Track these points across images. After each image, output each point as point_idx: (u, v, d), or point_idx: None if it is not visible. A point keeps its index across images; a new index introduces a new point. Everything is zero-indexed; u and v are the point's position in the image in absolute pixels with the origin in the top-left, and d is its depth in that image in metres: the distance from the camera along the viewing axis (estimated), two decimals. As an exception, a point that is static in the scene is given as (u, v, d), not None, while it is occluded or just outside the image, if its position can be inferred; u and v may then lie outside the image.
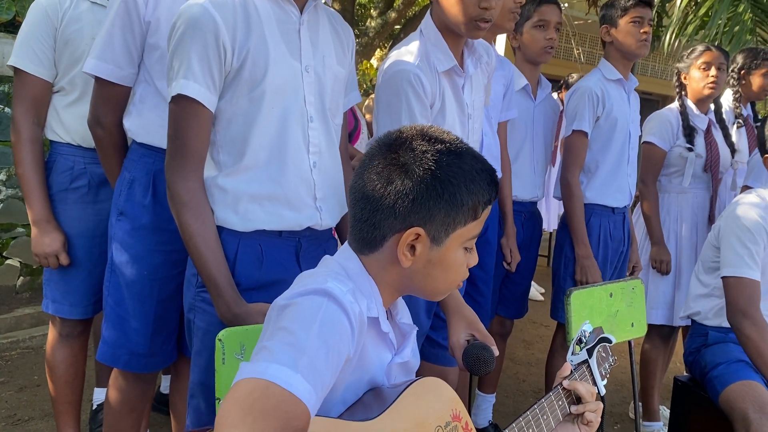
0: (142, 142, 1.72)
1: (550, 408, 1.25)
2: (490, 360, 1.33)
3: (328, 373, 0.89)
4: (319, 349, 0.88)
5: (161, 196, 1.71)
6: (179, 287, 1.69)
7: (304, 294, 0.96)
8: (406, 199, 1.02)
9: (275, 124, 1.44)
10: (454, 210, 1.03)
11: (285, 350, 0.86)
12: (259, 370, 0.83)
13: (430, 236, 1.04)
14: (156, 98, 1.71)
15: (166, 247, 1.72)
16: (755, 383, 2.02)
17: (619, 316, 2.02)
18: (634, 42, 2.50)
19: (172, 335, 1.81)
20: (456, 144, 1.06)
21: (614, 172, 2.60)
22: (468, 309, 1.52)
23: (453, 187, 1.02)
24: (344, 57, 1.62)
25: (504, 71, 2.49)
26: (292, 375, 0.83)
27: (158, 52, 1.68)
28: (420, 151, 1.03)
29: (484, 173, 1.06)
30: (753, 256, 2.13)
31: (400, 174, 1.02)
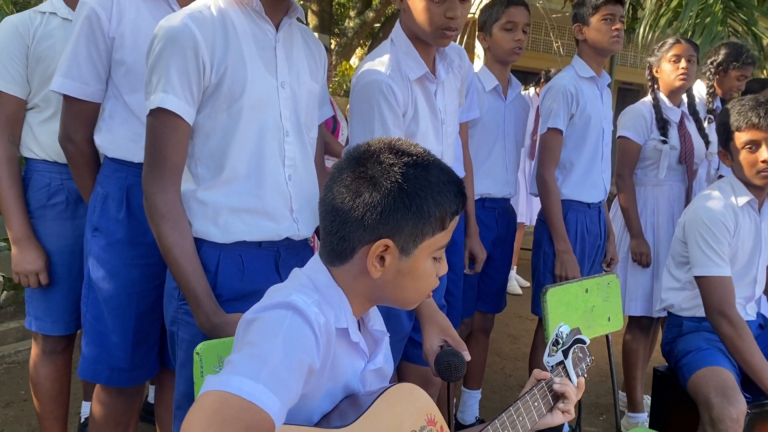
0: (114, 157, 1.74)
1: (526, 409, 1.28)
2: (460, 366, 1.37)
3: (293, 382, 0.91)
4: (282, 359, 0.91)
5: (135, 211, 1.73)
6: (158, 300, 1.72)
7: (269, 308, 0.99)
8: (374, 211, 1.04)
9: (253, 139, 1.46)
10: (422, 221, 1.05)
11: (247, 362, 0.89)
12: (222, 382, 0.85)
13: (399, 247, 1.06)
14: (125, 113, 1.72)
15: (142, 260, 1.74)
16: (719, 368, 2.07)
17: (596, 311, 2.06)
18: (606, 39, 2.54)
19: (153, 348, 1.82)
20: (423, 157, 1.09)
21: (589, 169, 2.64)
22: (441, 315, 1.56)
23: (420, 199, 1.05)
24: (317, 72, 1.65)
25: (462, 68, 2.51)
26: (254, 385, 0.85)
27: (124, 68, 1.70)
28: (387, 164, 1.05)
29: (451, 185, 1.09)
30: (719, 253, 2.18)
31: (368, 187, 1.05)
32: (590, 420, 3.18)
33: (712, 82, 3.21)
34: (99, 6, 1.66)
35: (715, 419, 1.97)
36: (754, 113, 2.20)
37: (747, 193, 2.25)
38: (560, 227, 2.56)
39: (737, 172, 2.27)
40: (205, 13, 1.42)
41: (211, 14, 1.42)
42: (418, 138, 1.86)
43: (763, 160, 2.18)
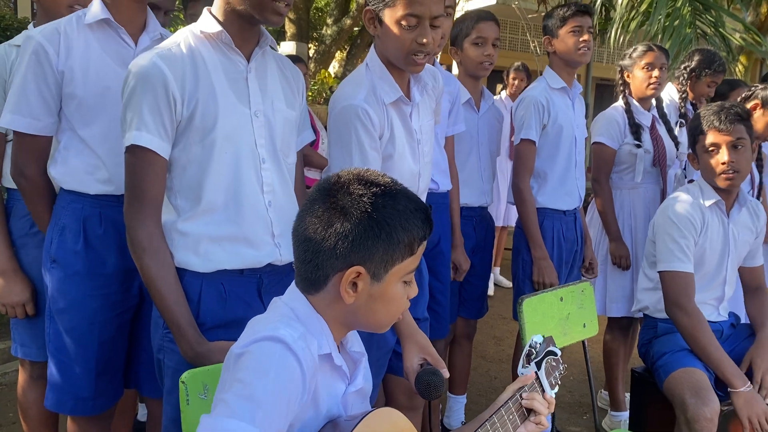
0: (70, 189, 1.77)
1: (502, 424, 1.33)
2: (439, 385, 1.42)
3: (283, 421, 0.97)
4: (275, 401, 0.96)
5: (93, 242, 1.76)
6: (120, 328, 1.77)
7: (258, 341, 1.03)
8: (346, 240, 1.09)
9: (229, 168, 1.50)
10: (391, 248, 1.11)
11: (242, 404, 0.94)
12: (220, 425, 0.90)
13: (371, 273, 1.11)
14: (80, 145, 1.75)
15: (102, 290, 1.77)
16: (693, 369, 2.14)
17: (571, 318, 2.12)
18: (574, 51, 2.60)
19: (117, 374, 1.86)
20: (390, 186, 1.14)
21: (563, 177, 2.70)
22: (420, 334, 1.61)
23: (389, 227, 1.10)
24: (294, 99, 1.68)
25: (450, 87, 2.57)
26: (248, 428, 0.90)
27: (76, 101, 1.73)
28: (357, 195, 1.10)
29: (418, 212, 1.14)
30: (683, 249, 2.25)
31: (339, 217, 1.10)
32: (574, 420, 3.25)
33: (685, 86, 3.29)
34: (46, 40, 1.69)
35: (690, 420, 2.04)
36: (716, 117, 2.28)
37: (714, 195, 2.33)
38: (537, 235, 2.62)
39: (704, 175, 2.35)
40: (174, 50, 1.46)
41: (180, 51, 1.46)
42: (396, 159, 1.91)
43: (723, 162, 2.26)
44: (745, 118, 2.31)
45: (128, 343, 1.91)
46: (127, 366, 1.94)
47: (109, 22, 1.75)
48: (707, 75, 3.24)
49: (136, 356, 1.94)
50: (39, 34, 1.70)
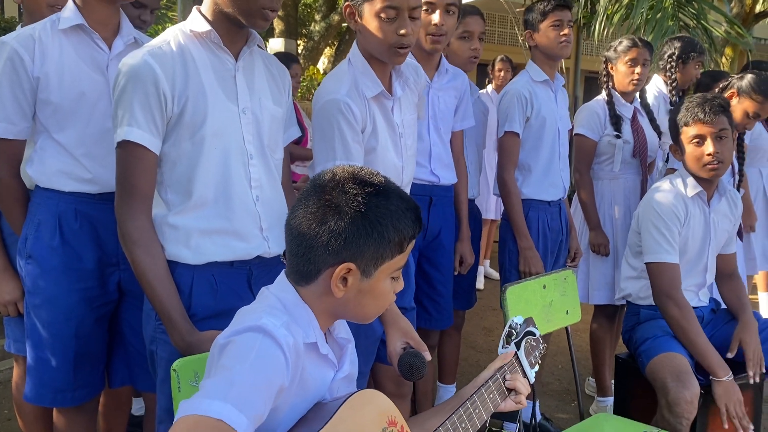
0: (46, 187, 1.81)
1: (482, 402, 1.38)
2: (421, 366, 1.47)
3: (260, 401, 1.00)
4: (251, 380, 1.00)
5: (68, 237, 1.80)
6: (98, 321, 1.82)
7: (241, 332, 1.08)
8: (339, 237, 1.13)
9: (218, 164, 1.55)
10: (382, 246, 1.15)
11: (217, 385, 0.98)
12: (194, 406, 0.94)
13: (361, 270, 1.16)
14: (56, 148, 1.80)
15: (79, 285, 1.81)
16: (675, 354, 2.20)
17: (554, 305, 2.18)
18: (554, 45, 2.65)
19: (97, 367, 1.91)
20: (384, 186, 1.19)
21: (547, 168, 2.75)
22: (403, 319, 1.66)
23: (381, 226, 1.14)
24: (281, 97, 1.73)
25: (456, 83, 2.62)
26: (222, 405, 0.94)
27: (51, 107, 1.77)
28: (352, 194, 1.14)
29: (409, 211, 1.19)
30: (669, 240, 2.30)
31: (333, 215, 1.14)
32: (562, 407, 3.31)
33: (674, 75, 3.34)
34: (21, 46, 1.72)
35: (671, 402, 2.10)
36: (700, 109, 2.33)
37: (696, 186, 2.38)
38: (522, 226, 2.67)
39: (686, 166, 2.40)
40: (165, 48, 1.50)
41: (170, 49, 1.51)
42: (378, 152, 1.95)
43: (708, 153, 2.31)
44: (726, 109, 2.36)
45: (112, 339, 1.96)
46: (118, 363, 1.98)
47: (83, 27, 1.78)
48: (693, 58, 3.30)
49: (123, 353, 1.98)
50: (14, 40, 1.73)
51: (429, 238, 2.56)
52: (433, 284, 2.60)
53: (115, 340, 1.97)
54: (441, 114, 2.54)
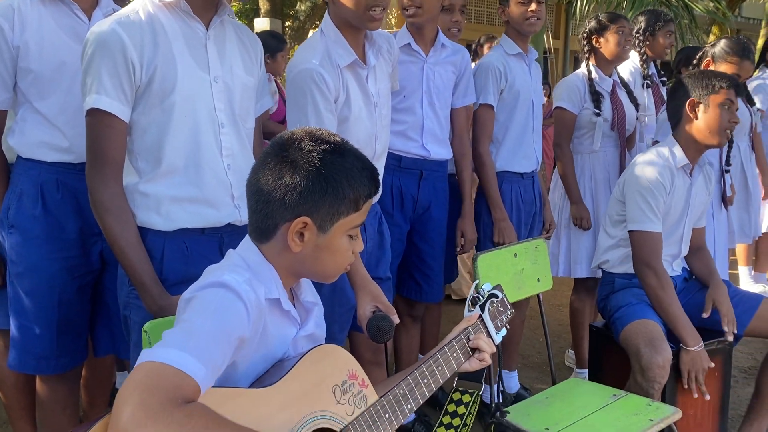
0: (28, 158, 1.83)
1: (445, 360, 1.41)
2: (389, 329, 1.52)
3: (219, 351, 1.03)
4: (211, 331, 1.03)
5: (50, 207, 1.83)
6: (80, 290, 1.84)
7: (204, 287, 1.11)
8: (294, 192, 1.16)
9: (188, 131, 1.57)
10: (337, 202, 1.18)
11: (177, 335, 1.01)
12: (153, 354, 0.97)
13: (317, 225, 1.19)
14: (37, 117, 1.82)
15: (61, 254, 1.84)
16: (648, 321, 2.25)
17: (525, 273, 2.22)
18: (522, 21, 2.68)
19: (80, 335, 1.94)
20: (340, 145, 1.22)
21: (520, 141, 2.78)
22: (373, 284, 1.70)
23: (336, 182, 1.17)
24: (252, 66, 1.74)
25: (456, 58, 2.63)
26: (179, 353, 0.97)
27: (31, 76, 1.79)
28: (307, 151, 1.18)
29: (365, 171, 1.22)
30: (654, 210, 2.34)
31: (289, 170, 1.17)
32: (541, 378, 3.37)
33: (644, 49, 3.38)
34: (1, 16, 1.74)
35: (644, 367, 2.15)
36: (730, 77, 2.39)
37: (684, 158, 2.41)
38: (496, 197, 2.71)
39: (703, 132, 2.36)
40: (133, 17, 1.52)
41: (139, 18, 1.52)
42: (351, 121, 1.98)
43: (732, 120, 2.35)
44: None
45: (96, 309, 1.99)
46: (101, 332, 2.02)
47: None
48: (660, 28, 3.34)
49: (107, 322, 2.01)
50: None
51: (419, 211, 2.60)
52: (422, 257, 2.64)
53: (98, 310, 2.00)
54: (436, 89, 2.56)
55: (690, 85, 2.39)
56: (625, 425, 1.93)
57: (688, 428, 2.35)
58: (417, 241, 2.62)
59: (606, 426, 1.94)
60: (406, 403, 1.28)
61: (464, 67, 2.66)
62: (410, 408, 1.29)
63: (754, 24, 13.32)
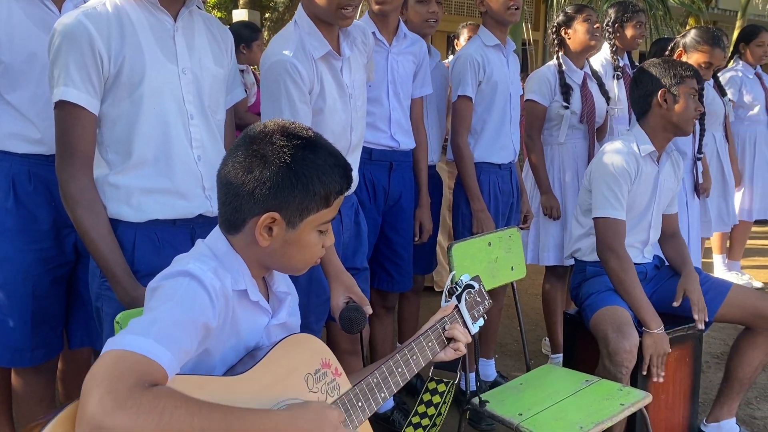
0: None
1: (420, 349, 1.44)
2: (361, 320, 1.54)
3: (185, 338, 1.05)
4: (175, 318, 1.05)
5: (23, 198, 1.83)
6: (55, 282, 1.83)
7: (169, 277, 1.12)
8: (264, 186, 1.17)
9: (157, 123, 1.57)
10: (307, 199, 1.19)
11: (142, 323, 1.03)
12: (118, 342, 0.99)
13: (286, 220, 1.19)
14: (8, 109, 1.81)
15: (35, 245, 1.84)
16: (616, 307, 2.29)
17: (499, 261, 2.25)
18: (503, 11, 2.70)
19: (56, 327, 1.93)
20: (313, 140, 1.22)
21: (498, 132, 2.81)
22: (346, 275, 1.72)
23: (306, 179, 1.18)
24: (223, 57, 1.74)
25: (415, 48, 2.65)
26: (144, 341, 0.99)
27: (1, 67, 1.78)
28: (279, 145, 1.18)
29: (337, 167, 1.22)
30: (618, 197, 2.38)
31: (259, 164, 1.17)
32: (518, 366, 3.41)
33: (614, 41, 3.42)
34: None
35: (611, 352, 2.19)
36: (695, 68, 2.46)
37: (650, 145, 2.45)
38: (475, 188, 2.74)
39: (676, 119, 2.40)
40: (100, 9, 1.52)
41: (105, 10, 1.52)
42: (326, 113, 1.98)
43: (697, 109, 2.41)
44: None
45: (71, 301, 1.98)
46: (76, 324, 2.01)
47: None
48: (629, 19, 3.38)
49: (82, 314, 2.00)
50: None
51: (390, 203, 2.61)
52: (394, 248, 2.66)
53: (73, 302, 2.00)
54: (400, 79, 2.57)
55: (658, 75, 2.43)
56: (596, 410, 1.97)
57: (660, 412, 2.40)
58: (388, 232, 2.63)
59: (578, 410, 1.98)
60: (379, 392, 1.30)
61: (422, 57, 2.68)
62: (383, 396, 1.31)
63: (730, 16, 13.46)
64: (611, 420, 1.94)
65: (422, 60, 2.67)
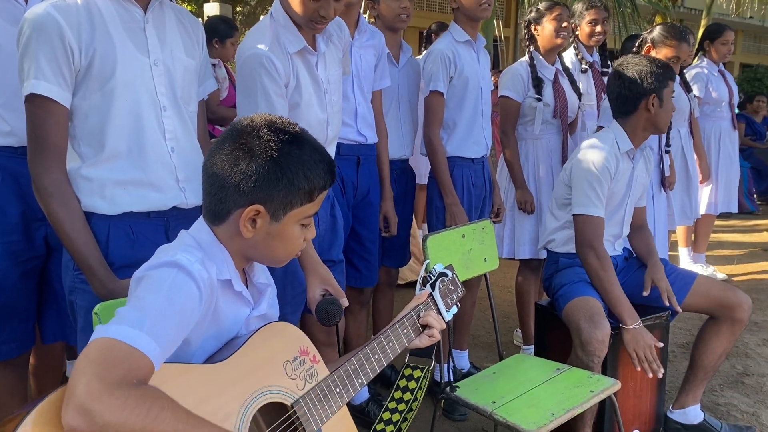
0: None
1: (396, 336, 1.47)
2: (337, 312, 1.56)
3: (172, 330, 1.06)
4: (164, 310, 1.06)
5: None
6: (25, 276, 1.83)
7: (156, 267, 1.13)
8: (249, 180, 1.19)
9: (129, 116, 1.57)
10: (291, 193, 1.21)
11: (132, 313, 1.03)
12: (109, 330, 1.00)
13: (270, 213, 1.21)
14: None
15: (2, 238, 1.82)
16: (589, 298, 2.35)
17: (473, 253, 2.29)
18: (475, 7, 2.74)
19: (26, 321, 1.92)
20: (299, 135, 1.24)
21: (470, 127, 2.85)
22: (323, 267, 1.73)
23: (291, 173, 1.20)
24: (194, 49, 1.74)
25: (374, 41, 2.66)
26: (136, 333, 1.00)
27: None
28: (265, 140, 1.20)
29: (322, 163, 1.24)
30: (599, 195, 2.43)
31: (245, 158, 1.19)
32: (491, 357, 3.46)
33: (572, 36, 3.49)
34: None
35: (584, 342, 2.24)
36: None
37: (629, 144, 2.50)
38: (447, 182, 2.77)
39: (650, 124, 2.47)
40: (69, 1, 1.50)
41: (74, 2, 1.51)
42: (302, 107, 2.00)
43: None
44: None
45: (43, 295, 1.97)
46: (49, 318, 2.00)
47: None
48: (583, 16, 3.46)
49: (55, 308, 1.99)
50: None
51: (358, 197, 2.63)
52: (362, 242, 2.67)
53: (46, 296, 1.98)
54: (363, 72, 2.59)
55: (649, 78, 2.45)
56: (567, 397, 2.02)
57: (628, 400, 2.47)
58: (357, 227, 2.65)
59: (549, 397, 2.02)
60: (356, 378, 1.33)
61: (381, 49, 2.69)
62: (361, 383, 1.34)
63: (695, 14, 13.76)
64: (581, 406, 1.99)
65: (381, 53, 2.68)
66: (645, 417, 2.57)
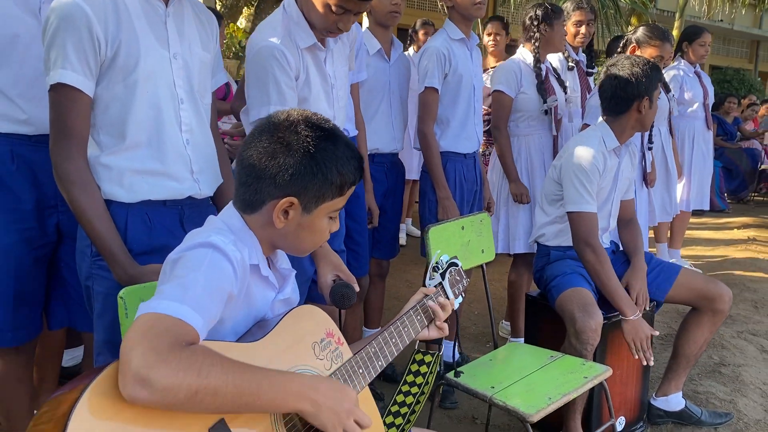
0: None
1: (404, 327, 1.52)
2: (352, 295, 1.63)
3: (213, 305, 1.11)
4: (204, 286, 1.11)
5: (5, 178, 1.83)
6: (37, 262, 1.85)
7: (192, 248, 1.17)
8: (286, 173, 1.24)
9: (150, 107, 1.60)
10: (324, 187, 1.26)
11: (174, 289, 1.08)
12: (153, 306, 1.05)
13: (302, 205, 1.27)
14: None
15: (17, 225, 1.84)
16: (581, 289, 2.44)
17: (471, 244, 2.36)
18: (469, 6, 2.80)
19: (36, 308, 1.95)
20: (333, 132, 1.30)
21: (463, 123, 2.92)
22: (333, 254, 1.79)
23: (326, 168, 1.25)
24: (209, 43, 1.79)
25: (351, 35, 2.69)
26: (179, 306, 1.05)
27: None
28: (303, 135, 1.25)
29: (353, 159, 1.30)
30: (590, 192, 2.52)
31: (284, 152, 1.24)
32: (478, 348, 3.55)
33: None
34: None
35: (578, 330, 2.33)
36: None
37: (615, 141, 2.59)
38: (440, 177, 2.84)
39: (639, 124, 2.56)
40: None
41: None
42: (311, 102, 2.04)
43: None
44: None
45: (51, 281, 1.98)
46: (57, 304, 2.01)
47: None
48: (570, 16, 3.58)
49: (63, 294, 2.01)
50: None
51: None
52: (351, 235, 2.72)
53: (54, 282, 2.00)
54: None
55: (644, 81, 2.51)
56: (562, 382, 2.10)
57: (615, 387, 2.57)
58: (346, 220, 2.67)
59: (545, 383, 2.11)
60: (377, 360, 1.39)
61: (358, 42, 2.70)
62: (380, 365, 1.40)
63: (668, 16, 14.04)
64: (576, 391, 2.08)
65: (358, 46, 2.69)
66: (630, 404, 2.67)
